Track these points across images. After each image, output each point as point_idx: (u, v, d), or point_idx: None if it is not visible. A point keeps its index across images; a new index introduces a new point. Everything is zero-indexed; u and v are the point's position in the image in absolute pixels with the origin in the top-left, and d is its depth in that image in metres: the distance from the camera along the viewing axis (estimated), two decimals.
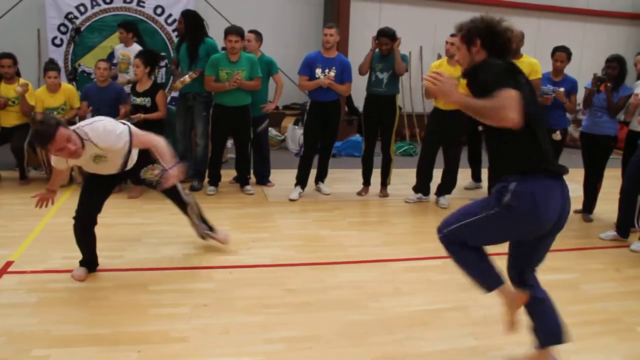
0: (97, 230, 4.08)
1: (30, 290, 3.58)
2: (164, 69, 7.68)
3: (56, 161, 3.54)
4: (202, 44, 5.92)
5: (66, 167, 3.67)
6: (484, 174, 5.99)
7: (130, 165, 3.71)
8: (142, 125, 5.79)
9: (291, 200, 5.87)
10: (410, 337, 3.19)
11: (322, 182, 6.28)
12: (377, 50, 5.78)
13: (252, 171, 6.40)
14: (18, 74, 6.11)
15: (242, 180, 6.23)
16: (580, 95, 5.53)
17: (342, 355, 3.00)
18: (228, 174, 6.50)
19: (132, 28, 6.66)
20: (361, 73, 5.91)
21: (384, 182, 6.19)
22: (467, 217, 2.61)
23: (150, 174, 3.74)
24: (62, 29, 8.03)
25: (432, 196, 6.07)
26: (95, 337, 3.07)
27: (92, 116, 6.10)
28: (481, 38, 2.56)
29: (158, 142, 3.61)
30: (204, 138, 6.10)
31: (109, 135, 3.41)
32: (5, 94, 5.91)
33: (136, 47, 6.59)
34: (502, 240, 2.69)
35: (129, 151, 3.56)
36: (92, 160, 3.52)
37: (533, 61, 5.20)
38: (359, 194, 6.19)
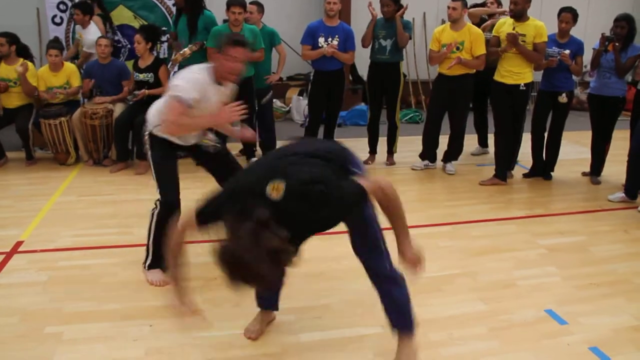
0: (105, 207, 4.10)
1: (41, 269, 3.62)
2: (165, 44, 7.61)
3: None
4: (201, 17, 5.85)
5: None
6: (490, 139, 5.94)
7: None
8: (146, 100, 5.80)
9: None
10: (419, 304, 3.18)
11: None
12: (379, 17, 5.71)
13: (257, 143, 6.39)
14: (20, 54, 6.06)
15: (248, 153, 6.22)
16: (587, 57, 5.45)
17: (351, 323, 3.03)
18: (234, 147, 6.48)
19: (88, 9, 6.59)
20: (364, 46, 5.87)
21: (390, 150, 6.17)
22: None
23: (205, 139, 3.59)
24: (62, 7, 7.92)
25: (439, 163, 6.05)
26: (107, 312, 3.10)
27: (96, 92, 6.13)
28: None
29: None
30: None
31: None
32: (5, 75, 5.88)
33: (90, 31, 6.52)
34: None
35: None
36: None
37: (539, 24, 5.12)
38: (366, 162, 6.17)
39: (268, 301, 2.93)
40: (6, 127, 6.03)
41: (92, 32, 6.51)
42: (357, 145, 6.96)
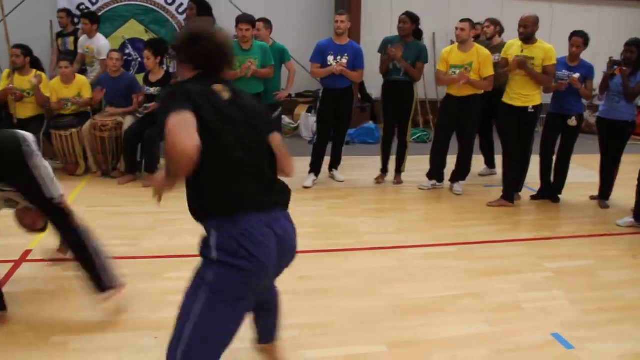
0: (113, 219, 4.11)
1: (48, 279, 3.63)
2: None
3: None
4: None
5: None
6: (498, 159, 5.94)
7: None
8: (154, 113, 5.84)
9: (305, 187, 5.87)
10: (424, 324, 3.20)
11: (336, 169, 6.28)
12: (395, 35, 5.76)
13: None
14: (34, 66, 6.13)
15: None
16: (597, 81, 5.46)
17: (355, 341, 3.01)
18: None
19: (96, 19, 6.69)
20: (381, 73, 5.91)
21: (399, 169, 6.17)
22: (185, 316, 2.01)
23: None
24: (74, 20, 8.04)
25: (447, 183, 6.05)
26: (113, 323, 3.11)
27: (106, 104, 6.18)
28: None
29: None
30: None
31: None
32: (19, 86, 5.95)
33: (100, 38, 6.61)
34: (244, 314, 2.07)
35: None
36: None
37: (547, 46, 5.14)
38: (377, 180, 6.17)
39: (266, 333, 2.63)
40: None
41: (101, 39, 6.65)
42: (364, 163, 7.05)
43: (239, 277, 1.95)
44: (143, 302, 3.36)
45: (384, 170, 6.22)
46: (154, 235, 4.47)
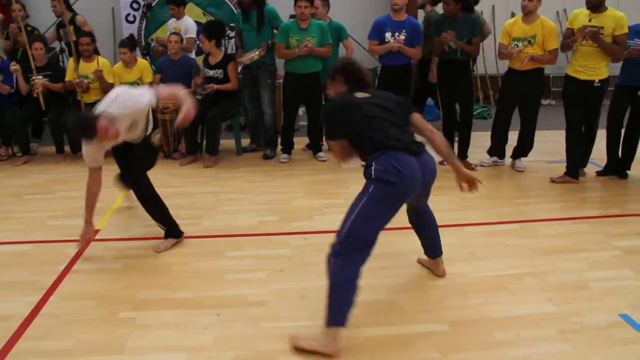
0: (175, 199, 4.22)
1: (116, 257, 3.78)
2: (233, 39, 7.75)
3: (93, 156, 3.55)
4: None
5: (102, 161, 3.62)
6: (558, 135, 5.72)
7: (150, 127, 3.84)
8: (215, 96, 5.94)
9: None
10: (487, 302, 3.15)
11: None
12: (442, 14, 5.61)
13: (324, 138, 6.41)
14: (96, 52, 6.33)
15: (314, 147, 6.25)
16: None
17: (418, 319, 3.01)
18: (300, 142, 6.55)
19: (181, 1, 6.78)
20: (435, 56, 5.77)
21: (464, 154, 5.86)
22: (353, 211, 2.77)
23: (154, 137, 3.87)
24: (135, 5, 8.22)
25: (508, 159, 5.90)
26: (178, 300, 3.21)
27: None
28: None
29: (180, 89, 3.73)
30: (271, 106, 6.17)
31: (132, 97, 3.49)
32: (84, 72, 6.15)
33: (187, 19, 6.70)
34: (391, 214, 2.82)
35: (152, 109, 3.70)
36: (127, 131, 3.56)
37: (618, 14, 4.89)
38: (441, 163, 6.01)
39: (431, 250, 3.51)
40: None
41: (188, 19, 6.81)
42: (422, 141, 6.91)
43: (390, 187, 2.72)
44: (205, 280, 3.45)
45: None
46: (215, 214, 4.56)
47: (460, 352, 2.70)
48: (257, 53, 5.85)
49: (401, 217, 4.48)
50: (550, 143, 6.44)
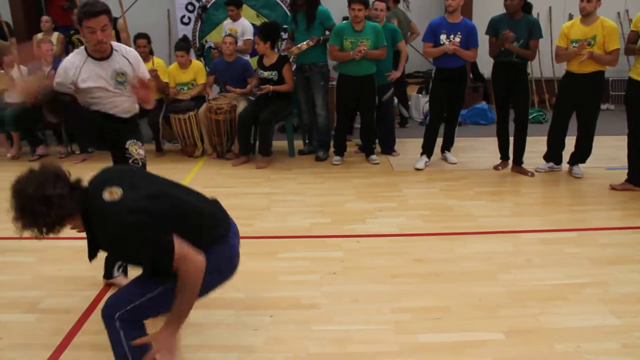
0: (228, 199, 4.27)
1: None
2: (285, 41, 7.81)
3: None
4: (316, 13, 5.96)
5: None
6: (619, 140, 5.53)
7: (135, 108, 3.57)
8: (270, 97, 5.99)
9: (417, 169, 5.79)
10: (544, 312, 3.07)
11: (449, 151, 6.14)
12: (503, 14, 5.48)
13: (377, 140, 6.39)
14: (151, 52, 6.48)
15: (367, 150, 6.23)
16: None
17: (472, 326, 2.95)
18: (351, 144, 6.54)
19: (240, 3, 6.87)
20: (491, 56, 5.65)
21: (520, 160, 5.72)
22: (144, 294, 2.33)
23: (135, 149, 3.54)
24: (190, 7, 8.38)
25: (565, 165, 5.74)
26: (230, 300, 3.24)
27: (219, 90, 6.41)
28: None
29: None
30: (325, 108, 6.17)
31: (136, 55, 3.43)
32: None
33: (244, 22, 6.77)
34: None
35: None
36: (113, 78, 3.31)
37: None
38: (496, 168, 5.92)
39: None
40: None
41: (245, 21, 6.93)
42: (477, 145, 6.85)
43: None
44: (258, 281, 3.47)
45: (505, 157, 5.93)
46: (267, 215, 4.60)
47: None
48: (305, 43, 5.86)
49: (455, 223, 4.48)
50: (609, 149, 6.25)
